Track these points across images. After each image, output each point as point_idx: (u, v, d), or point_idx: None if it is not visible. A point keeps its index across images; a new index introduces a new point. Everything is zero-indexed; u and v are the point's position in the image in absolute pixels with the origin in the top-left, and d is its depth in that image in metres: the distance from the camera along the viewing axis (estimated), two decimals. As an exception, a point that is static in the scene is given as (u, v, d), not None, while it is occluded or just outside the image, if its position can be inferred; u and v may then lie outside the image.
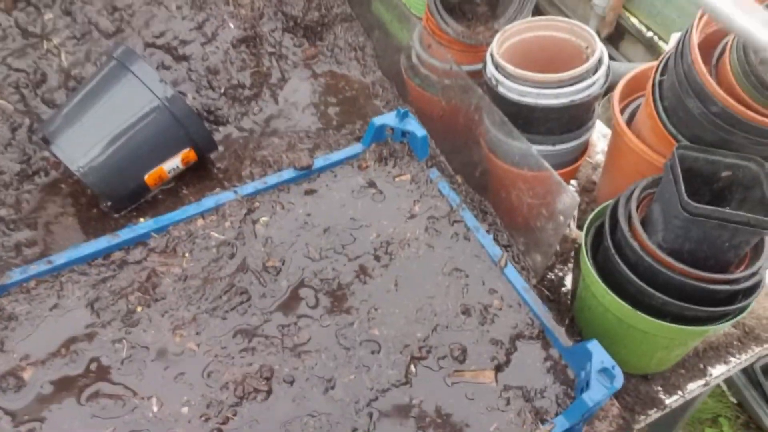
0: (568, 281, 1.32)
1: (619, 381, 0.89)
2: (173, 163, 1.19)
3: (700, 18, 1.02)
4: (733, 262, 1.02)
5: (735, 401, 2.70)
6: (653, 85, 1.11)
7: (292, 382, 0.92)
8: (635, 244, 1.02)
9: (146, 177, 1.18)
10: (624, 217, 1.05)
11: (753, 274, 0.99)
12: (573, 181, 1.54)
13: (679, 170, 0.97)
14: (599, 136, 1.62)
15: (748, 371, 2.57)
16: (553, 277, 1.33)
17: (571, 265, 1.35)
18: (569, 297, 1.29)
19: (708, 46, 1.06)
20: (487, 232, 1.21)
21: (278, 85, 1.46)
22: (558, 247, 1.38)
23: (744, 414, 2.67)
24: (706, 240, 0.97)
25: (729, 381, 2.67)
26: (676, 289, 0.99)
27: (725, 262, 1.01)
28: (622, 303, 1.04)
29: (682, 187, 0.94)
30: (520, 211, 1.21)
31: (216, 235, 1.06)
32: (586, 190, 1.53)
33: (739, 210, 0.93)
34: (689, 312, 1.00)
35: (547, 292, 1.26)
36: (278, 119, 1.41)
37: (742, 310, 1.03)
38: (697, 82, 1.00)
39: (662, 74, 1.11)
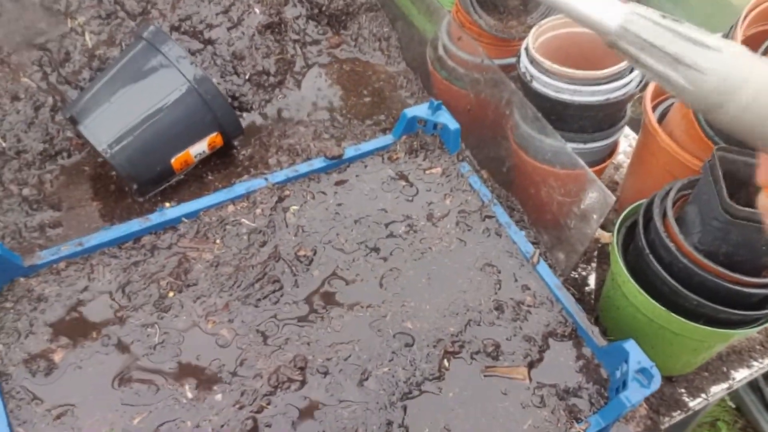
0: (591, 280, 1.32)
1: (657, 381, 0.88)
2: (200, 147, 1.18)
3: (745, 16, 1.01)
4: (766, 267, 1.02)
5: (733, 406, 2.72)
6: (690, 86, 1.11)
7: (325, 373, 0.91)
8: (671, 245, 1.01)
9: (173, 161, 1.16)
10: (659, 217, 1.05)
11: (789, 279, 0.99)
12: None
13: (720, 171, 0.96)
14: (622, 137, 1.61)
15: (747, 376, 2.59)
16: (576, 276, 1.32)
17: (594, 265, 1.35)
18: (592, 296, 1.29)
19: (751, 44, 1.05)
20: (519, 228, 1.20)
21: (302, 72, 1.44)
22: (584, 247, 1.38)
23: (742, 419, 2.68)
24: (744, 243, 0.96)
25: (728, 385, 2.69)
26: (710, 292, 0.99)
27: (760, 266, 1.00)
28: (655, 303, 1.03)
29: (724, 189, 0.94)
30: (549, 208, 1.20)
31: (247, 222, 1.04)
32: (609, 189, 1.52)
33: (776, 214, 0.93)
34: (723, 315, 0.99)
35: (572, 291, 1.25)
36: (303, 107, 1.40)
37: (776, 314, 1.02)
38: (740, 84, 0.99)
39: (700, 75, 1.10)
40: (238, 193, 1.06)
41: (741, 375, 1.20)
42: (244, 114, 1.37)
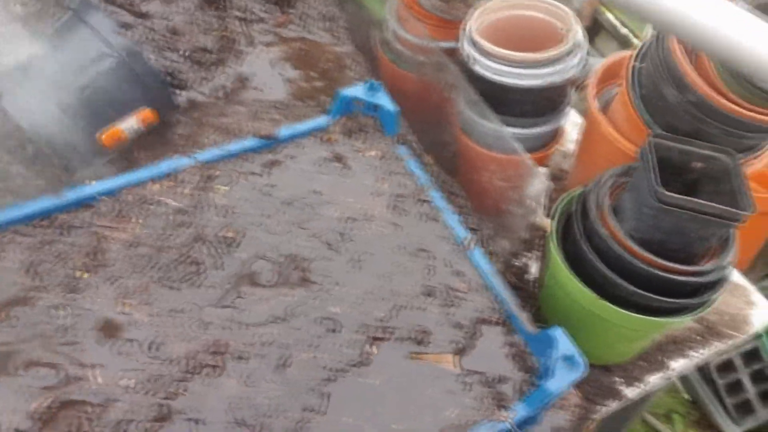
0: (535, 269, 1.31)
1: (583, 369, 0.87)
2: (130, 123, 1.13)
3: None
4: (700, 255, 1.01)
5: (689, 398, 2.76)
6: (630, 72, 1.09)
7: (245, 359, 0.87)
8: (604, 232, 1.00)
9: (102, 136, 1.11)
10: (594, 205, 1.03)
11: (720, 268, 0.99)
12: (543, 169, 1.52)
13: (654, 159, 0.95)
14: (572, 124, 1.60)
15: (702, 368, 2.62)
16: (519, 264, 1.31)
17: (538, 253, 1.33)
18: (535, 285, 1.27)
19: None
20: (456, 214, 1.18)
21: (245, 51, 1.40)
22: (526, 235, 1.36)
23: (697, 411, 2.72)
24: (676, 231, 0.96)
25: (683, 377, 2.72)
26: (643, 280, 0.98)
27: (693, 254, 1.00)
28: (588, 291, 1.02)
29: (656, 176, 0.93)
30: (490, 194, 1.18)
31: (171, 202, 1.00)
32: (556, 178, 1.51)
33: (711, 202, 0.92)
34: (655, 303, 0.99)
35: (514, 279, 1.24)
36: (244, 87, 1.35)
37: (709, 303, 1.02)
38: (675, 70, 0.98)
39: (640, 61, 1.09)
40: (162, 172, 1.02)
41: (678, 365, 1.19)
42: (182, 92, 1.32)
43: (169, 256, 0.94)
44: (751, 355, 2.54)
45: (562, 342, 0.88)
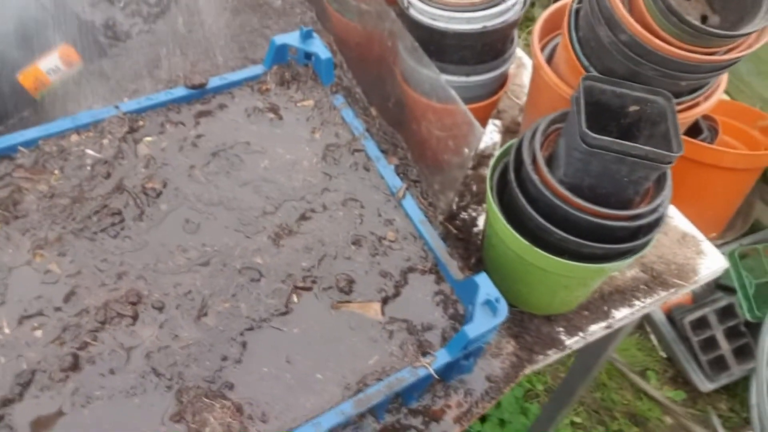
0: (482, 222, 1.29)
1: (503, 313, 0.85)
2: (51, 62, 1.09)
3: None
4: (634, 199, 0.99)
5: (665, 356, 2.77)
6: (569, 14, 1.06)
7: (161, 308, 0.86)
8: (536, 178, 0.98)
9: (20, 76, 1.07)
10: (528, 152, 1.01)
11: (652, 211, 0.97)
12: (497, 121, 1.49)
13: (583, 101, 0.92)
14: (530, 77, 1.57)
15: (678, 326, 2.63)
16: (466, 217, 1.29)
17: (485, 206, 1.32)
18: (481, 237, 1.26)
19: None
20: (397, 165, 1.16)
21: (186, 1, 1.36)
22: (474, 188, 1.34)
23: (673, 368, 2.74)
24: (605, 174, 0.93)
25: (660, 335, 2.73)
26: (574, 226, 0.96)
27: (626, 198, 0.98)
28: (521, 239, 1.00)
29: (583, 118, 0.90)
30: (429, 144, 1.15)
31: (92, 152, 0.98)
32: (510, 131, 1.49)
33: (646, 146, 0.90)
34: (586, 249, 0.97)
35: (455, 231, 1.22)
36: (184, 37, 1.32)
37: (642, 247, 1.00)
38: (608, 9, 0.94)
39: (578, 1, 1.05)
40: (84, 122, 0.99)
41: (621, 314, 1.18)
42: (119, 44, 1.28)
43: (87, 207, 0.92)
44: (725, 312, 2.54)
45: (484, 287, 0.87)
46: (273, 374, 0.84)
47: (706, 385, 2.52)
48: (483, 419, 2.26)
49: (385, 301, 0.93)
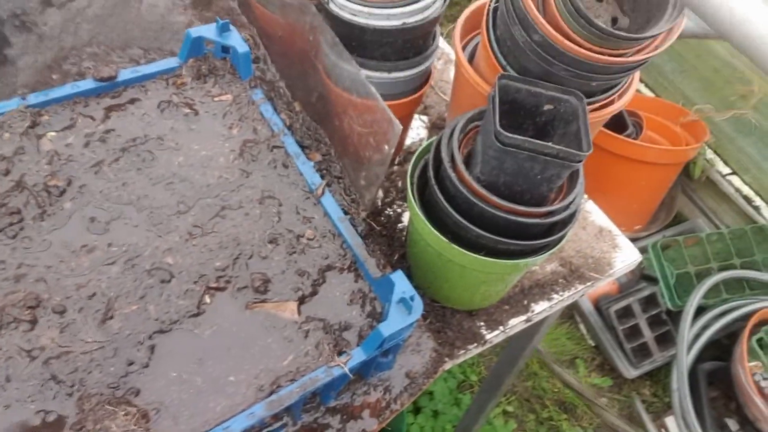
0: (406, 218, 1.29)
1: (417, 311, 0.86)
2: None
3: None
4: (548, 196, 1.01)
5: (593, 344, 2.87)
6: (487, 13, 1.07)
7: (62, 312, 0.82)
8: (453, 176, 0.98)
9: None
10: (447, 150, 1.02)
11: (565, 207, 0.99)
12: (424, 117, 1.50)
13: (497, 99, 0.93)
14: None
15: (604, 316, 2.73)
16: (391, 213, 1.29)
17: (410, 202, 1.32)
18: (405, 234, 1.26)
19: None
20: (320, 161, 1.14)
21: (102, -10, 1.30)
22: (399, 183, 1.35)
23: (600, 356, 2.84)
24: (520, 172, 0.95)
25: (588, 325, 2.83)
26: (490, 223, 0.97)
27: (540, 195, 1.00)
28: (440, 236, 1.01)
29: (497, 117, 0.91)
30: (351, 140, 1.14)
31: (-10, 148, 0.92)
32: (437, 126, 1.49)
33: (558, 144, 0.91)
34: (502, 245, 0.98)
35: (380, 228, 1.22)
36: (97, 27, 1.26)
37: (556, 243, 1.03)
38: (521, 10, 0.96)
39: (497, 1, 1.06)
40: (-18, 116, 0.94)
41: (540, 308, 1.21)
42: (27, 35, 1.21)
43: (-18, 206, 0.87)
44: (648, 301, 2.65)
45: (399, 284, 0.87)
46: (182, 378, 0.82)
47: (630, 372, 2.63)
48: (417, 411, 2.28)
49: (301, 301, 0.92)
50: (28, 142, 0.94)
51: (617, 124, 2.61)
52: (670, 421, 2.45)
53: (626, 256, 1.30)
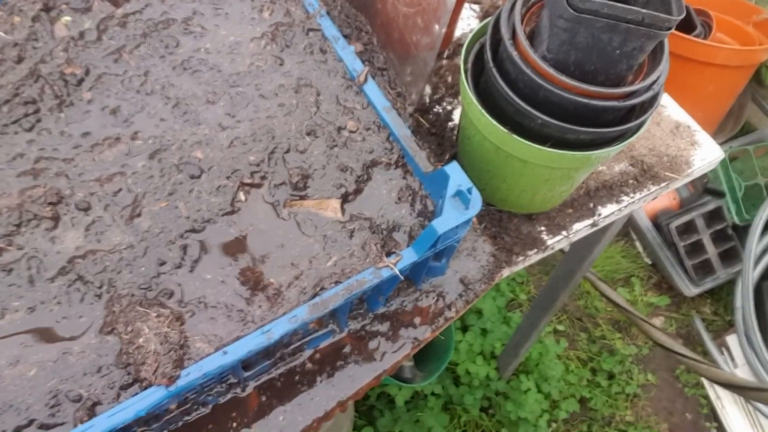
0: (457, 116, 1.17)
1: (476, 205, 0.75)
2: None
3: None
4: (626, 76, 0.88)
5: (650, 262, 2.73)
6: None
7: (86, 209, 0.75)
8: (515, 55, 0.85)
9: None
10: (507, 26, 0.88)
11: (647, 88, 0.85)
12: (475, 6, 1.34)
13: (570, -42, 0.79)
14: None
15: (663, 232, 2.58)
16: (440, 110, 1.17)
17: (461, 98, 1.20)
18: (456, 132, 1.15)
19: None
20: (361, 52, 1.03)
21: None
22: (449, 79, 1.22)
23: (657, 274, 2.71)
24: (594, 46, 0.81)
25: (645, 242, 2.69)
26: (557, 108, 0.85)
27: (617, 75, 0.86)
28: (499, 127, 0.89)
29: (569, -22, 0.77)
30: (396, 24, 1.02)
31: (0, 34, 0.84)
32: (489, 16, 1.34)
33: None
34: (571, 134, 0.86)
35: (428, 125, 1.11)
36: None
37: (635, 130, 0.90)
38: None
39: None
40: (-12, -1, 0.85)
41: (608, 210, 1.09)
42: None
43: (-5, 96, 0.80)
44: (712, 216, 2.49)
45: (455, 176, 0.77)
46: (218, 280, 0.75)
47: (691, 290, 2.50)
48: (465, 329, 2.23)
49: (345, 198, 0.82)
50: (42, 27, 0.85)
51: (684, 23, 2.38)
52: (731, 339, 2.34)
53: (706, 154, 1.15)
